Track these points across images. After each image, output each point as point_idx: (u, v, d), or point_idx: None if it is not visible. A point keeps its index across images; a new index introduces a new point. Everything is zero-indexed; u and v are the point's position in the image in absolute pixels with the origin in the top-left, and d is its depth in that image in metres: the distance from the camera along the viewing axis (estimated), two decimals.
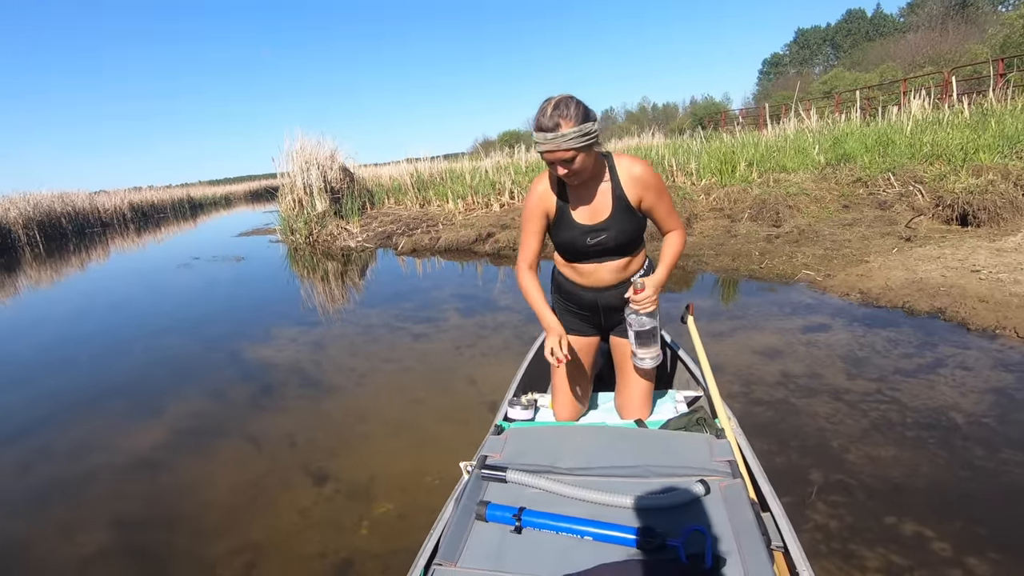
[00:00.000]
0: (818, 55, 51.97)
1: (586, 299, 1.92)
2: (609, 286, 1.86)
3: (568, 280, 1.94)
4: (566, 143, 1.55)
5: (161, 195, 38.02)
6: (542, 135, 1.57)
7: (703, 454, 1.38)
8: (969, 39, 22.38)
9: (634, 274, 1.88)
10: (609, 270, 1.83)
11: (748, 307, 4.15)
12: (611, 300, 1.89)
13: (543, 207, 1.79)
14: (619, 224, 1.75)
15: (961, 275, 3.88)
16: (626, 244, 1.79)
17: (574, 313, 2.00)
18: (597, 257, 1.81)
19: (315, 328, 4.99)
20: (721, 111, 32.69)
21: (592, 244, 1.78)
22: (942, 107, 10.91)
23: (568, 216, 1.77)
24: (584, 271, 1.85)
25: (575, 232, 1.77)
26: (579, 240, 1.78)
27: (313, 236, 11.46)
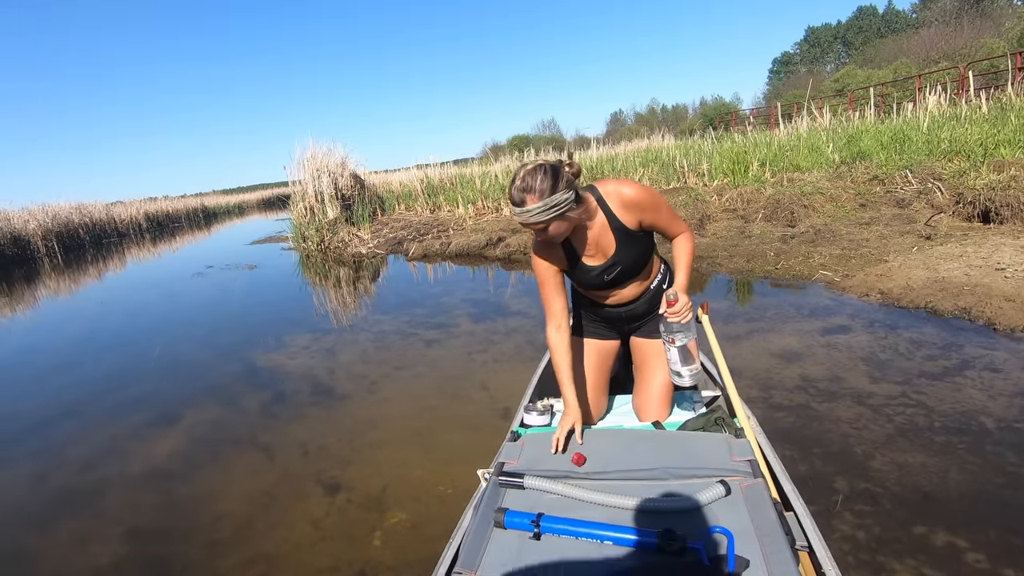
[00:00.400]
0: (829, 53, 51.45)
1: (610, 314, 1.95)
2: (631, 300, 1.89)
3: (588, 299, 1.98)
4: (533, 217, 1.54)
5: (176, 205, 38.58)
6: (513, 208, 1.59)
7: (723, 454, 1.36)
8: (984, 33, 22.02)
9: (654, 280, 1.89)
10: (630, 289, 1.86)
11: (765, 309, 4.07)
12: (635, 309, 1.92)
13: (553, 267, 1.78)
14: (628, 253, 1.76)
15: (985, 274, 3.78)
16: (639, 266, 1.80)
17: (596, 321, 2.02)
18: (614, 286, 1.84)
19: (327, 335, 4.98)
20: (731, 111, 32.45)
21: (609, 280, 1.80)
22: (959, 102, 10.71)
23: (580, 263, 1.78)
24: (602, 295, 1.89)
25: (591, 275, 1.79)
26: (597, 280, 1.80)
27: (325, 243, 11.52)
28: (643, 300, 1.89)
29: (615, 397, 2.23)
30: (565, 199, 1.54)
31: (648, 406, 1.93)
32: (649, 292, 1.89)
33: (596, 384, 2.02)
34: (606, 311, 1.95)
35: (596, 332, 2.03)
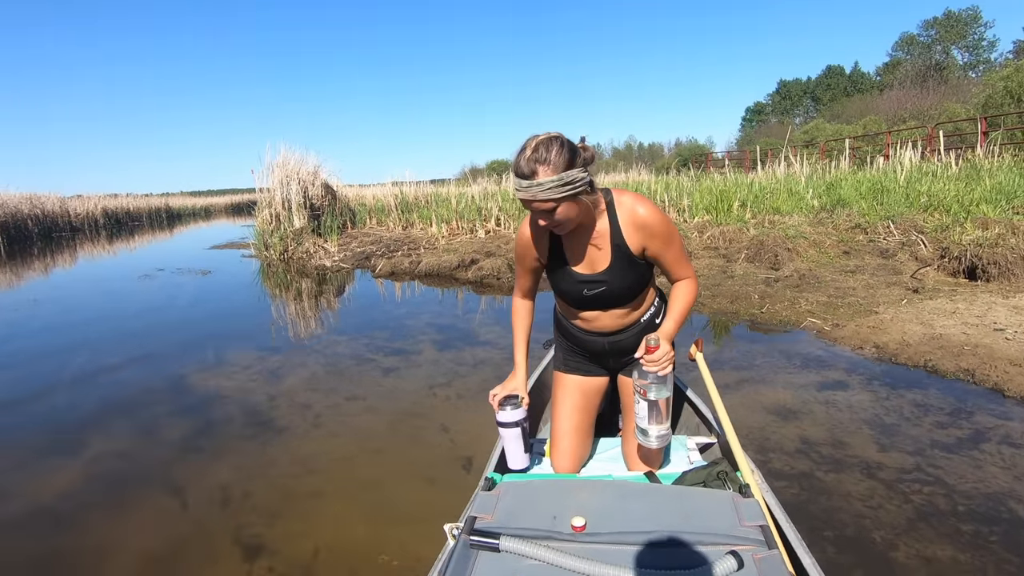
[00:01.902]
0: (799, 106, 53.52)
1: (594, 345, 1.75)
2: (617, 331, 1.70)
3: (571, 324, 1.77)
4: (543, 193, 1.34)
5: (139, 203, 37.20)
6: (518, 181, 1.37)
7: (729, 517, 1.20)
8: (948, 98, 23.12)
9: (645, 313, 1.70)
10: (612, 317, 1.67)
11: (753, 356, 3.79)
12: (622, 342, 1.72)
13: (533, 252, 1.65)
14: (619, 276, 1.56)
15: (984, 333, 3.58)
16: (628, 295, 1.62)
17: (579, 354, 1.82)
18: (597, 306, 1.66)
19: (274, 354, 4.49)
20: (706, 153, 33.24)
21: (589, 296, 1.61)
22: (931, 160, 10.97)
23: (561, 263, 1.61)
24: (586, 317, 1.70)
25: (570, 282, 1.62)
26: (575, 290, 1.62)
27: (288, 253, 10.97)
28: (631, 333, 1.70)
29: (600, 440, 2.01)
30: (581, 178, 1.37)
31: (639, 454, 1.75)
32: (638, 326, 1.70)
33: (579, 426, 1.82)
34: (589, 340, 1.74)
35: (580, 367, 1.82)
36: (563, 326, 1.82)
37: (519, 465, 1.71)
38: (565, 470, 1.79)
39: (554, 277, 1.66)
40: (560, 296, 1.71)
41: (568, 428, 1.81)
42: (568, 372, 1.83)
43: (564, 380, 1.84)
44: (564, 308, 1.77)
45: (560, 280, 1.64)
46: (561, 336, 1.84)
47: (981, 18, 41.37)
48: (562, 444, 1.81)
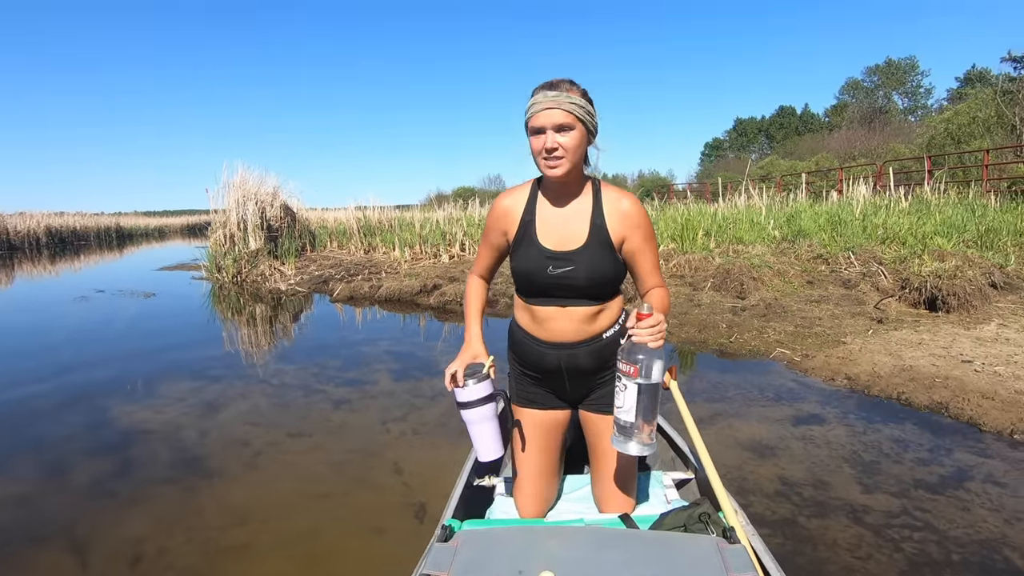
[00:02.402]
0: (754, 143, 55.87)
1: (549, 360, 1.53)
2: (575, 343, 1.49)
3: (526, 333, 1.56)
4: (568, 103, 1.34)
5: (87, 222, 35.66)
6: (543, 93, 1.36)
7: (714, 566, 1.09)
8: (892, 139, 24.44)
9: (608, 328, 1.51)
10: (573, 319, 1.47)
11: (725, 388, 3.65)
12: (580, 362, 1.51)
13: (504, 223, 1.53)
14: (592, 258, 1.43)
15: (953, 365, 3.54)
16: (597, 286, 1.45)
17: (535, 380, 1.60)
18: (559, 296, 1.46)
19: (213, 384, 4.11)
20: (668, 184, 34.11)
21: (554, 274, 1.44)
22: (882, 194, 11.40)
23: (531, 234, 1.47)
24: (542, 316, 1.49)
25: (535, 253, 1.46)
26: (539, 266, 1.45)
27: (242, 275, 10.47)
28: (589, 348, 1.49)
29: (568, 477, 1.83)
30: (594, 118, 1.42)
31: (610, 495, 1.59)
32: (599, 342, 1.50)
33: (544, 468, 1.63)
34: (542, 353, 1.52)
35: (537, 398, 1.61)
36: (519, 342, 1.59)
37: (494, 455, 1.45)
38: (531, 515, 1.61)
39: (519, 253, 1.49)
40: (521, 277, 1.50)
41: (531, 471, 1.62)
42: (524, 406, 1.62)
43: (521, 416, 1.63)
44: (521, 304, 1.55)
45: (525, 256, 1.47)
46: (515, 357, 1.63)
47: (918, 67, 44.41)
48: (525, 488, 1.62)
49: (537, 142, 1.38)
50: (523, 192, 1.52)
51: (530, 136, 1.40)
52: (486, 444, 1.44)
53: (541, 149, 1.37)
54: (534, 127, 1.37)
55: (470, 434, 1.45)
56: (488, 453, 1.45)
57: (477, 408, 1.39)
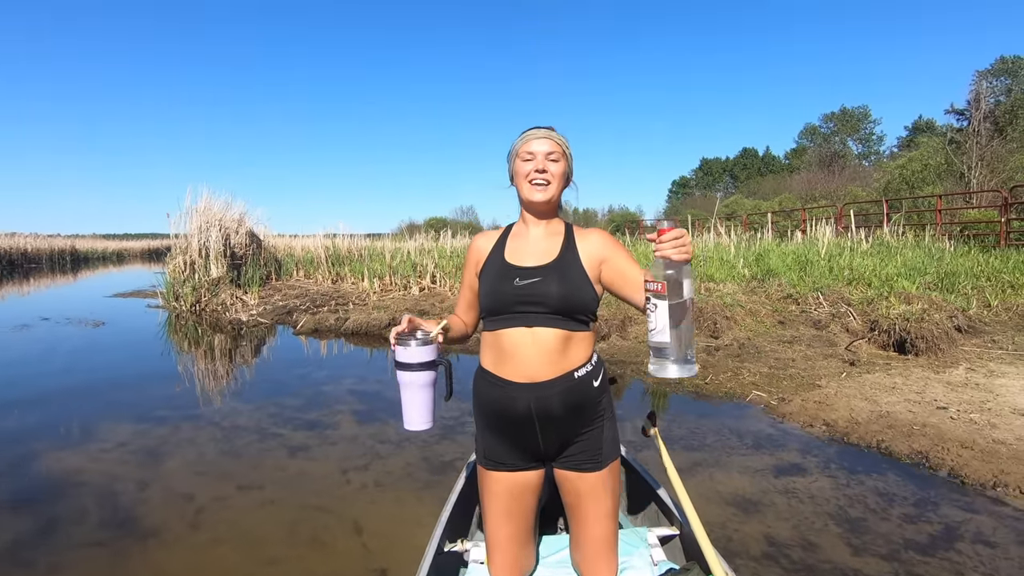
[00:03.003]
0: (719, 182, 57.84)
1: (517, 406, 1.38)
2: (545, 381, 1.36)
3: (490, 375, 1.43)
4: (559, 137, 1.46)
5: (40, 243, 34.33)
6: (534, 131, 1.46)
7: None
8: (851, 182, 25.56)
9: (581, 367, 1.39)
10: (542, 346, 1.35)
11: (704, 434, 3.54)
12: (552, 405, 1.37)
13: (476, 257, 1.53)
14: (562, 272, 1.38)
15: (929, 412, 3.52)
16: (566, 304, 1.36)
17: (502, 433, 1.44)
18: (527, 314, 1.36)
19: (159, 427, 3.79)
20: (637, 220, 34.80)
21: (521, 286, 1.37)
22: (844, 236, 11.75)
23: (499, 256, 1.46)
24: (509, 344, 1.38)
25: (501, 270, 1.42)
26: (504, 281, 1.39)
27: (201, 304, 10.03)
28: (560, 388, 1.36)
29: (544, 538, 1.71)
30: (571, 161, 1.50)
31: (591, 560, 1.47)
32: (570, 380, 1.37)
33: (516, 535, 1.48)
34: (510, 395, 1.38)
35: (506, 458, 1.45)
36: (481, 387, 1.47)
37: (419, 425, 1.35)
38: None
39: (486, 275, 1.46)
40: (487, 296, 1.43)
41: (503, 539, 1.48)
42: (492, 468, 1.47)
43: (489, 480, 1.48)
44: (487, 340, 1.46)
45: (491, 275, 1.44)
46: (480, 409, 1.48)
47: (871, 115, 47.04)
48: (498, 557, 1.49)
49: (527, 165, 1.43)
50: (497, 232, 1.56)
51: (519, 163, 1.44)
52: (416, 413, 1.34)
53: (531, 171, 1.42)
54: (525, 151, 1.43)
55: (401, 399, 1.35)
56: (414, 422, 1.35)
57: (416, 372, 1.30)
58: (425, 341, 1.30)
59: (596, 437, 1.42)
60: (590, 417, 1.41)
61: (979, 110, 19.79)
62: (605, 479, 1.43)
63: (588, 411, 1.40)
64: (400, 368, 1.30)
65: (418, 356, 1.29)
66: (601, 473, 1.42)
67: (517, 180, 1.47)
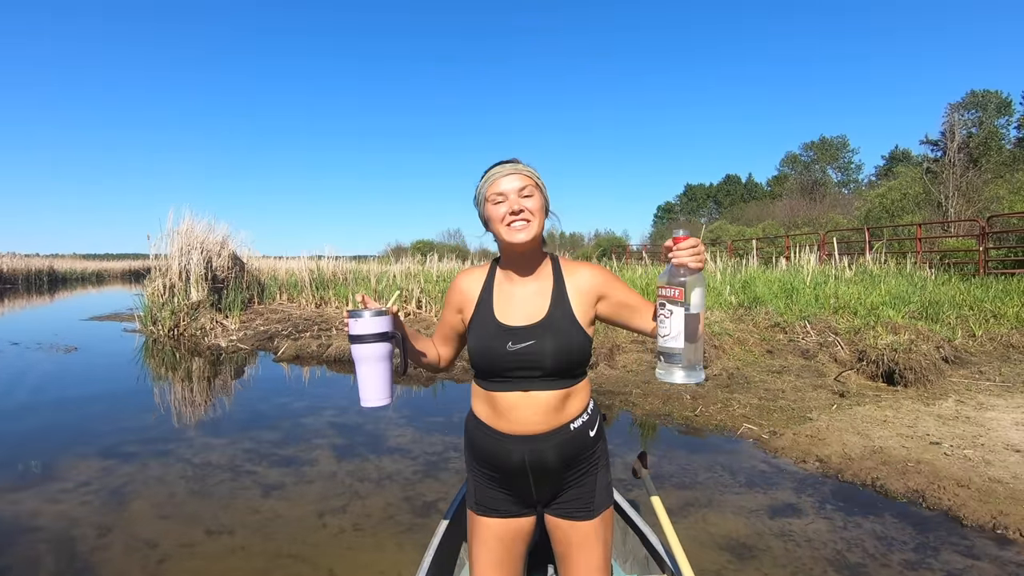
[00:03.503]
0: (704, 207, 58.71)
1: (512, 458, 1.35)
2: (540, 434, 1.33)
3: (485, 427, 1.38)
4: (527, 169, 1.35)
5: (16, 263, 33.59)
6: (499, 166, 1.36)
7: None
8: (832, 209, 26.04)
9: (577, 418, 1.36)
10: (538, 406, 1.32)
11: (695, 471, 3.44)
12: (546, 457, 1.34)
13: (459, 301, 1.45)
14: (556, 332, 1.32)
15: (923, 448, 3.46)
16: (562, 363, 1.32)
17: (494, 481, 1.40)
18: (522, 379, 1.32)
19: (125, 463, 3.60)
20: (623, 245, 35.09)
21: (514, 351, 1.31)
22: (828, 263, 11.88)
23: (488, 311, 1.37)
24: (504, 405, 1.33)
25: (493, 330, 1.34)
26: (497, 343, 1.32)
27: (179, 329, 9.79)
28: (556, 441, 1.33)
29: None
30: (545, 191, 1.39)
31: None
32: (566, 433, 1.34)
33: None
34: (504, 448, 1.35)
35: (497, 505, 1.40)
36: (474, 435, 1.42)
37: (377, 400, 1.29)
38: None
39: (475, 332, 1.38)
40: (478, 357, 1.37)
41: None
42: (483, 514, 1.42)
43: (479, 525, 1.43)
44: (479, 392, 1.40)
45: (481, 334, 1.36)
46: (472, 455, 1.45)
47: (849, 144, 48.29)
48: None
49: (499, 208, 1.33)
50: (482, 271, 1.46)
51: (489, 206, 1.34)
52: (372, 387, 1.28)
53: (505, 214, 1.32)
54: (494, 193, 1.33)
55: (357, 376, 1.29)
56: (371, 398, 1.29)
57: (370, 344, 1.25)
58: (379, 312, 1.25)
59: (590, 485, 1.39)
60: (585, 466, 1.38)
61: (953, 141, 20.38)
62: (597, 528, 1.40)
63: (583, 461, 1.38)
64: (354, 342, 1.25)
65: (372, 327, 1.24)
66: (594, 522, 1.39)
67: (492, 225, 1.36)
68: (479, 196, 1.38)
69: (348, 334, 1.27)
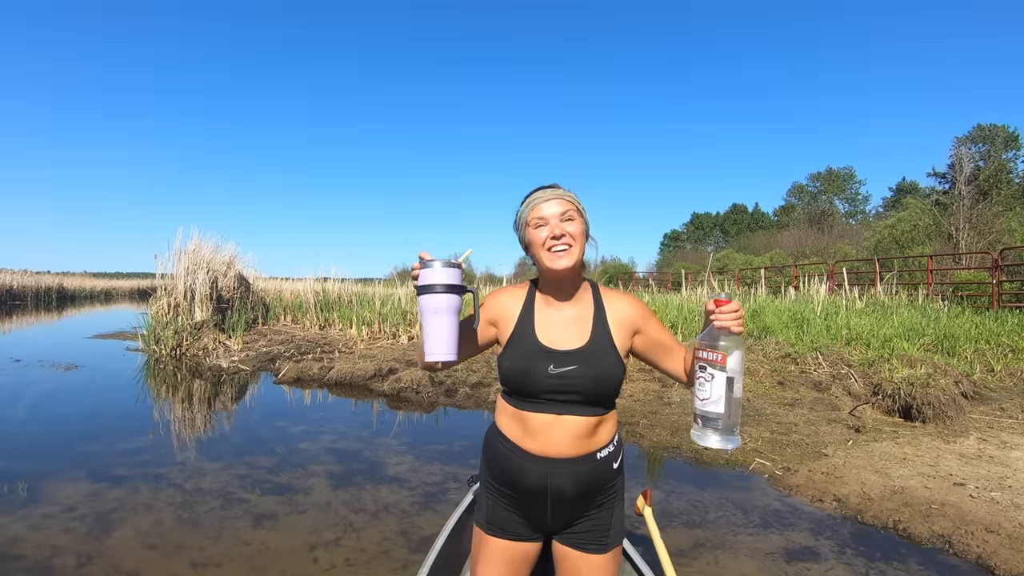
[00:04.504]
0: (710, 236, 58.73)
1: (531, 478, 1.34)
2: (566, 459, 1.33)
3: (508, 442, 1.37)
4: (569, 194, 1.36)
5: (24, 280, 33.92)
6: (541, 191, 1.37)
7: None
8: (841, 240, 25.92)
9: (603, 448, 1.37)
10: (569, 430, 1.32)
11: (705, 508, 3.28)
12: (567, 484, 1.33)
13: (498, 315, 1.41)
14: (596, 359, 1.32)
15: (946, 488, 3.29)
16: (599, 392, 1.33)
17: (510, 501, 1.39)
18: (558, 403, 1.32)
19: (114, 487, 3.48)
20: (630, 272, 35.00)
21: (555, 374, 1.30)
22: (838, 293, 11.73)
23: (529, 331, 1.36)
24: (535, 426, 1.33)
25: (533, 351, 1.33)
26: (538, 365, 1.31)
27: (182, 348, 9.73)
28: (580, 468, 1.33)
29: None
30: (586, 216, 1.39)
31: None
32: (591, 462, 1.34)
33: None
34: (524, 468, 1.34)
35: (509, 526, 1.39)
36: (496, 451, 1.40)
37: (443, 355, 1.22)
38: None
39: (514, 352, 1.35)
40: (515, 378, 1.34)
41: None
42: (493, 534, 1.41)
43: (487, 545, 1.41)
44: (508, 410, 1.38)
45: (521, 354, 1.34)
46: (490, 473, 1.43)
47: (856, 176, 48.43)
48: None
49: (541, 232, 1.34)
50: (522, 290, 1.45)
51: (530, 231, 1.35)
52: (438, 339, 1.22)
53: (547, 238, 1.33)
54: (537, 218, 1.34)
55: (424, 328, 1.23)
56: (438, 350, 1.22)
57: (440, 295, 1.20)
58: (449, 263, 1.22)
59: (606, 518, 1.39)
60: (604, 498, 1.38)
61: (961, 174, 20.36)
62: (608, 563, 1.38)
63: (603, 492, 1.38)
64: (423, 292, 1.20)
65: (443, 277, 1.20)
66: (606, 556, 1.37)
67: (533, 250, 1.37)
68: (520, 220, 1.39)
69: (416, 285, 1.22)
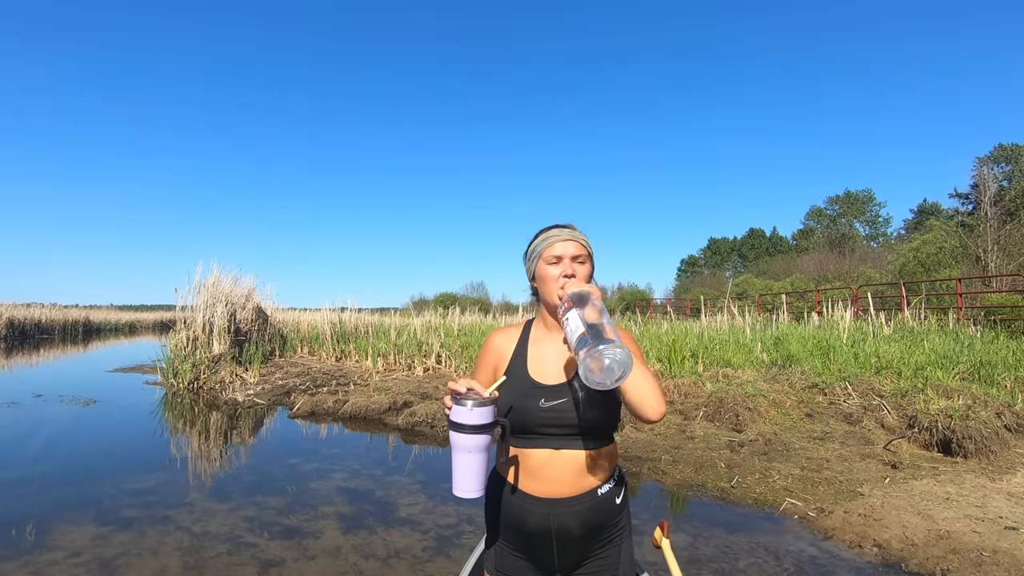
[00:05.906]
0: (728, 261, 58.17)
1: (535, 520, 1.34)
2: (568, 498, 1.33)
3: (509, 486, 1.38)
4: (583, 237, 1.43)
5: (54, 314, 34.74)
6: (557, 229, 1.43)
7: None
8: (863, 263, 25.42)
9: (603, 483, 1.37)
10: (568, 465, 1.33)
11: (735, 554, 3.08)
12: (571, 524, 1.33)
13: (494, 358, 1.47)
14: (587, 391, 1.31)
15: (997, 533, 3.05)
16: (593, 424, 1.33)
17: (518, 548, 1.40)
18: (553, 436, 1.34)
19: (121, 531, 3.39)
20: (647, 299, 34.68)
21: (547, 407, 1.33)
22: (863, 319, 11.40)
23: (520, 366, 1.41)
24: (534, 463, 1.35)
25: (525, 387, 1.36)
26: (530, 401, 1.34)
27: (199, 382, 9.74)
28: (582, 506, 1.33)
29: None
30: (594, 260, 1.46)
31: None
32: (594, 498, 1.34)
33: None
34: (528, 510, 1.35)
35: (519, 571, 1.40)
36: (498, 492, 1.41)
37: (469, 492, 1.24)
38: None
39: (507, 388, 1.37)
40: (511, 414, 1.36)
41: None
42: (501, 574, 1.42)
43: None
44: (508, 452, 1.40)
45: (514, 390, 1.36)
46: (496, 516, 1.43)
47: (875, 198, 47.80)
48: None
49: (554, 270, 1.38)
50: (516, 330, 1.50)
51: (543, 265, 1.40)
52: (464, 477, 1.24)
53: (559, 276, 1.37)
54: (551, 255, 1.39)
55: (453, 461, 1.26)
56: (464, 489, 1.25)
57: (468, 436, 1.21)
58: (482, 403, 1.21)
59: (614, 556, 1.38)
60: (609, 535, 1.37)
61: (986, 195, 19.94)
62: None
63: (608, 530, 1.37)
64: (453, 429, 1.22)
65: (473, 418, 1.20)
66: None
67: (543, 284, 1.41)
68: (533, 252, 1.43)
69: (449, 419, 1.24)
